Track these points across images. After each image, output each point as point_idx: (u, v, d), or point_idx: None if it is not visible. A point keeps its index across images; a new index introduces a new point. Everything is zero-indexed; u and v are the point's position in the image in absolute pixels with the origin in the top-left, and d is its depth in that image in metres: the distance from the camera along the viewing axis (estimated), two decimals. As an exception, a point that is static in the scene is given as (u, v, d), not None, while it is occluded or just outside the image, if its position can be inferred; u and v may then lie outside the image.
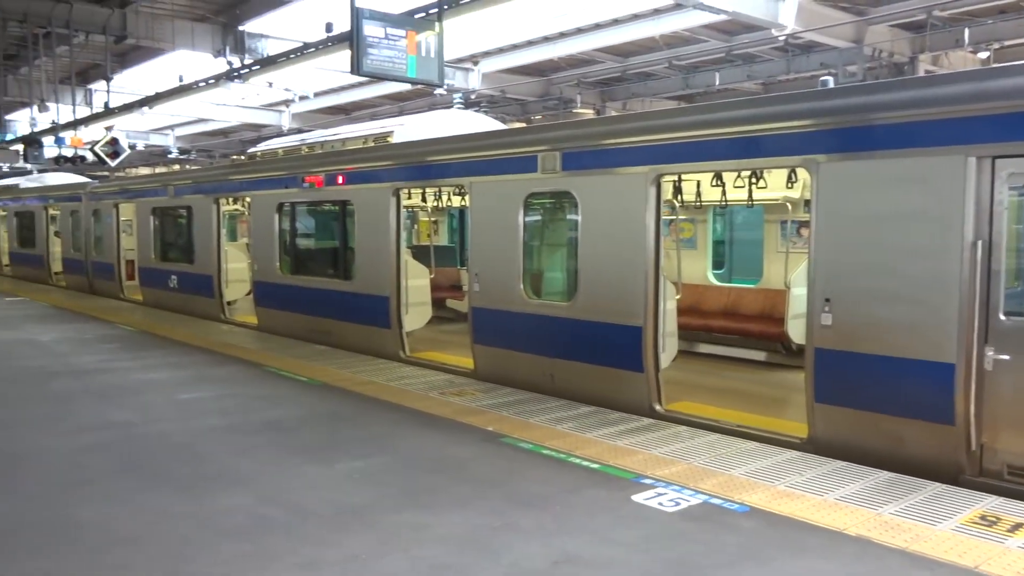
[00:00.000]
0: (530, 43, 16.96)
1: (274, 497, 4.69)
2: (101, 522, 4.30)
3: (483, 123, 11.18)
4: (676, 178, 8.02)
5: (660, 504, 4.57)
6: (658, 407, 6.84)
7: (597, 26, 15.41)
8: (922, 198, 5.17)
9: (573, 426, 6.30)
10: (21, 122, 22.29)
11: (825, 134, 5.67)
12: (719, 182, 8.27)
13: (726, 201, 8.80)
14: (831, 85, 6.40)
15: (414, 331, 9.97)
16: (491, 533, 4.17)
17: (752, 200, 8.37)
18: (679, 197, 8.46)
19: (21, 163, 21.44)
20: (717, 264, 10.92)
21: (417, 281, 10.02)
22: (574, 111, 19.87)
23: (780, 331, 8.72)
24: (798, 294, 8.42)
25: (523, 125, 19.24)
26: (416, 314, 9.95)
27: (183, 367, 8.92)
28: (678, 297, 7.63)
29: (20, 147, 19.30)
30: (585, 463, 5.35)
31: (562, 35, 16.18)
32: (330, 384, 7.94)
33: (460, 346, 9.72)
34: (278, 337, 11.12)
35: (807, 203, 9.07)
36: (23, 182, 24.79)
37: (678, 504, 4.57)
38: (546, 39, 16.56)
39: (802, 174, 8.18)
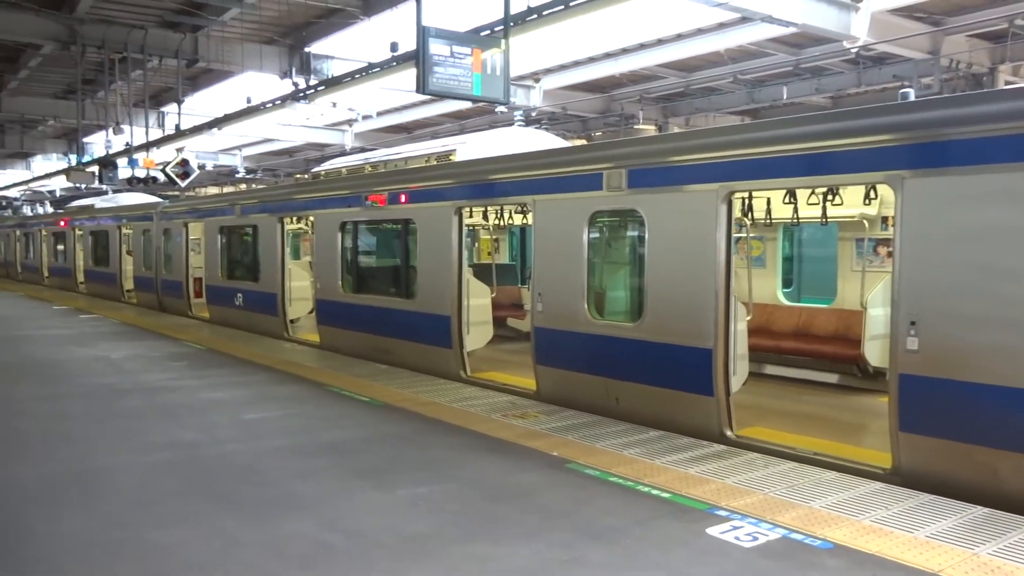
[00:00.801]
0: (592, 59, 16.85)
1: (336, 523, 4.61)
2: (169, 545, 4.27)
3: (545, 140, 11.08)
4: (747, 195, 7.78)
5: (737, 538, 4.35)
6: (729, 433, 6.59)
7: (660, 41, 15.20)
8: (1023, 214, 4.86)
9: (640, 452, 6.10)
10: (97, 144, 23.08)
11: (912, 148, 5.39)
12: (791, 199, 7.99)
13: (798, 218, 8.50)
14: (912, 98, 6.11)
15: (475, 351, 9.87)
16: (560, 567, 4.00)
17: (826, 217, 8.06)
18: (750, 215, 8.21)
19: (97, 184, 22.14)
20: (785, 283, 10.57)
21: (478, 300, 9.94)
22: (635, 127, 19.65)
23: (856, 353, 8.36)
24: (876, 315, 8.08)
25: (584, 142, 19.11)
26: (477, 333, 9.86)
27: (247, 386, 8.98)
28: (749, 318, 7.37)
29: (96, 168, 19.92)
30: (655, 492, 5.15)
31: (624, 51, 16.01)
32: (392, 404, 7.88)
33: (521, 366, 9.58)
34: (340, 356, 11.15)
35: (885, 220, 8.75)
36: (98, 202, 25.66)
37: (756, 539, 4.34)
38: (608, 55, 16.41)
39: (883, 191, 7.85)
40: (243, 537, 4.41)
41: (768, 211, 8.81)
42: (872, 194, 8.05)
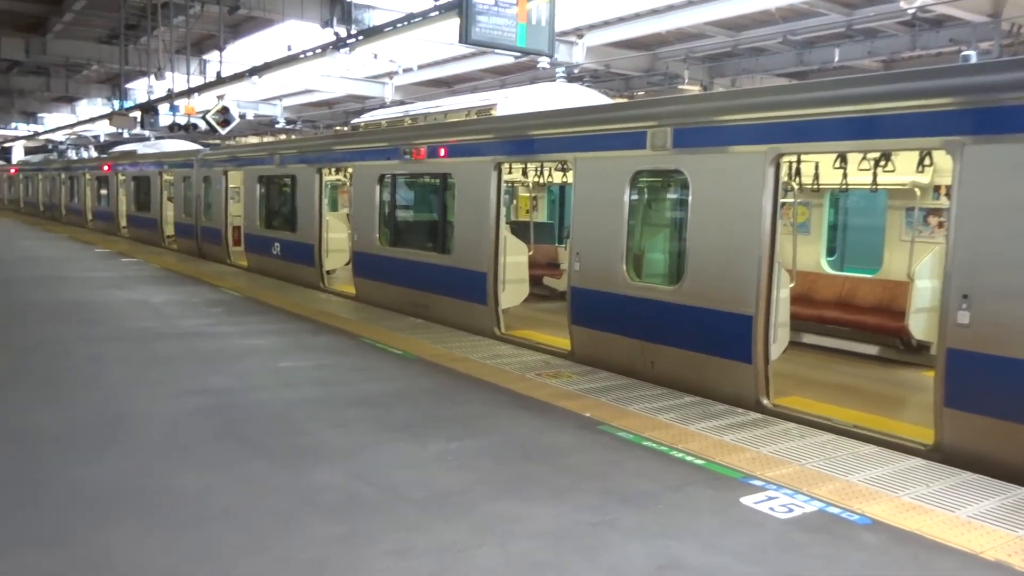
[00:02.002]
0: (637, 16, 16.42)
1: (367, 475, 4.60)
2: (198, 492, 4.29)
3: (588, 97, 10.84)
4: (795, 159, 7.54)
5: (771, 509, 4.25)
6: (766, 401, 6.46)
7: (708, -2, 14.77)
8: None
9: (675, 417, 6.00)
10: (140, 90, 23.20)
11: (973, 113, 5.13)
12: (842, 164, 7.73)
13: (846, 184, 8.23)
14: (973, 60, 5.81)
15: (510, 308, 9.80)
16: (590, 530, 3.95)
17: (876, 184, 7.79)
18: (797, 179, 7.96)
19: (139, 130, 22.30)
20: (830, 251, 10.31)
21: (515, 258, 9.84)
22: (680, 87, 19.21)
23: (900, 325, 8.14)
24: (923, 287, 7.84)
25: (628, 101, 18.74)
26: (513, 291, 9.79)
27: (282, 334, 9.02)
28: (792, 285, 7.18)
29: (138, 114, 20.05)
30: (688, 458, 5.07)
31: (671, 7, 15.57)
32: (425, 359, 7.86)
33: (556, 326, 9.51)
34: (375, 308, 11.16)
35: (937, 189, 8.45)
36: (140, 148, 25.88)
37: (791, 510, 4.24)
38: (654, 12, 15.98)
39: (938, 157, 7.55)
40: (274, 485, 4.42)
41: (816, 176, 8.55)
42: (927, 161, 7.75)
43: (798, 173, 8.02)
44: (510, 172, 11.61)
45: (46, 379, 6.68)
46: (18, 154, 47.32)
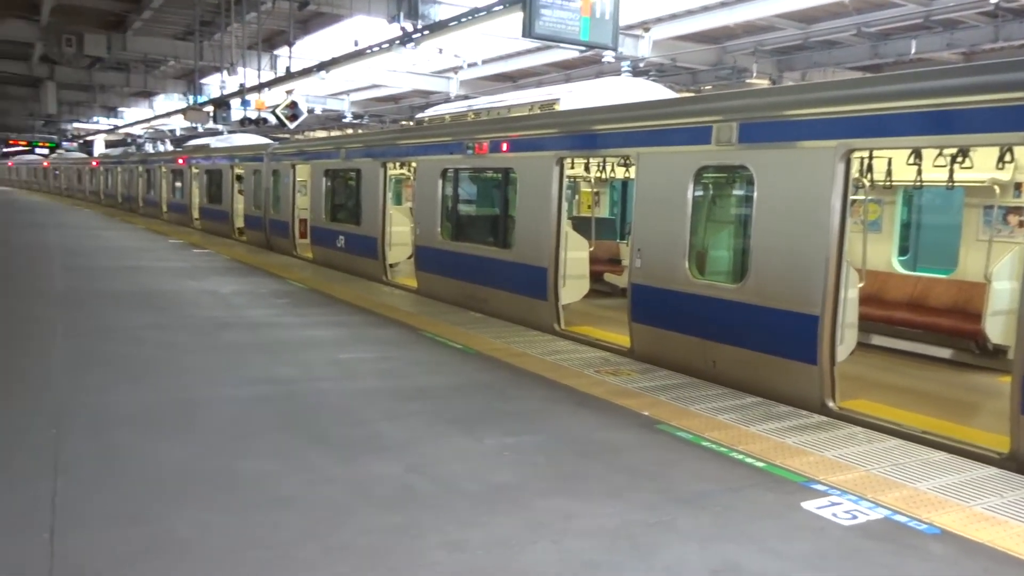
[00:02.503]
0: (706, 8, 16.15)
1: (423, 468, 4.64)
2: (260, 478, 4.39)
3: (653, 91, 10.71)
4: (867, 154, 7.31)
5: (834, 515, 4.14)
6: (831, 404, 6.29)
7: (780, -11, 14.44)
8: None
9: (735, 417, 5.89)
10: (213, 85, 23.85)
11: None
12: (916, 160, 7.46)
13: (921, 181, 7.94)
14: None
15: (570, 304, 9.76)
16: (645, 530, 3.90)
17: (953, 181, 7.50)
18: (868, 175, 7.72)
19: (212, 124, 22.94)
20: (902, 250, 9.98)
21: (576, 253, 9.79)
22: (748, 81, 18.83)
23: (976, 328, 7.82)
24: (1001, 288, 7.53)
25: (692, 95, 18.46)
26: (573, 287, 9.74)
27: (345, 326, 9.16)
28: (861, 285, 6.97)
29: (211, 109, 20.61)
30: (749, 460, 4.97)
31: (741, 0, 15.28)
32: (484, 353, 7.89)
33: (616, 322, 9.44)
34: (436, 302, 11.25)
35: (1019, 186, 8.09)
36: (213, 142, 26.61)
37: (855, 517, 4.12)
38: (723, 4, 15.70)
39: (1020, 153, 7.23)
40: (331, 474, 4.49)
41: (888, 172, 8.28)
42: (1007, 157, 7.42)
43: (869, 169, 7.78)
44: (572, 167, 11.56)
45: (122, 364, 6.92)
46: (99, 147, 49.16)
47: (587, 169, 12.41)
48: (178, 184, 28.20)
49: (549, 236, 9.30)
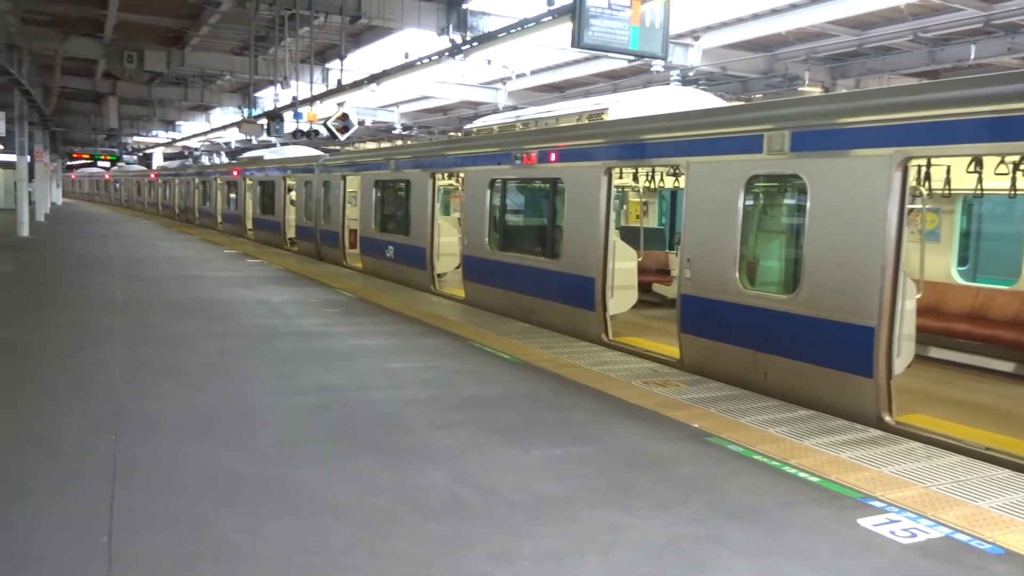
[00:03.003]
0: (756, 16, 15.96)
1: (470, 477, 4.64)
2: (310, 485, 4.43)
3: (703, 100, 10.62)
4: (924, 162, 7.13)
5: (892, 533, 4.02)
6: (888, 418, 6.13)
7: (833, -5, 14.19)
8: None
9: (788, 431, 5.78)
10: (267, 98, 24.31)
11: None
12: (977, 168, 7.26)
13: (981, 189, 7.72)
14: None
15: (618, 315, 9.70)
16: (694, 544, 3.84)
17: (1015, 189, 7.27)
18: (926, 184, 7.53)
19: (265, 136, 23.38)
20: (961, 260, 9.70)
21: (624, 263, 9.73)
22: (800, 89, 18.54)
23: (1040, 341, 7.56)
24: (1067, 301, 7.27)
25: (743, 103, 18.24)
26: (621, 297, 9.68)
27: (393, 336, 9.24)
28: (919, 296, 6.79)
29: (265, 121, 21.00)
30: (802, 474, 4.86)
31: (793, 6, 15.06)
32: (531, 363, 7.88)
33: (665, 333, 9.35)
34: (483, 312, 11.28)
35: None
36: (266, 154, 27.14)
37: (914, 535, 4.00)
38: (774, 11, 15.49)
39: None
40: (380, 483, 4.52)
41: (947, 180, 8.06)
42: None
43: (927, 177, 7.59)
44: (620, 177, 11.51)
45: (178, 371, 7.08)
46: (158, 160, 50.50)
47: (635, 179, 12.34)
48: (232, 195, 28.82)
49: (597, 246, 9.26)
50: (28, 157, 25.87)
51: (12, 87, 18.90)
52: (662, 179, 12.32)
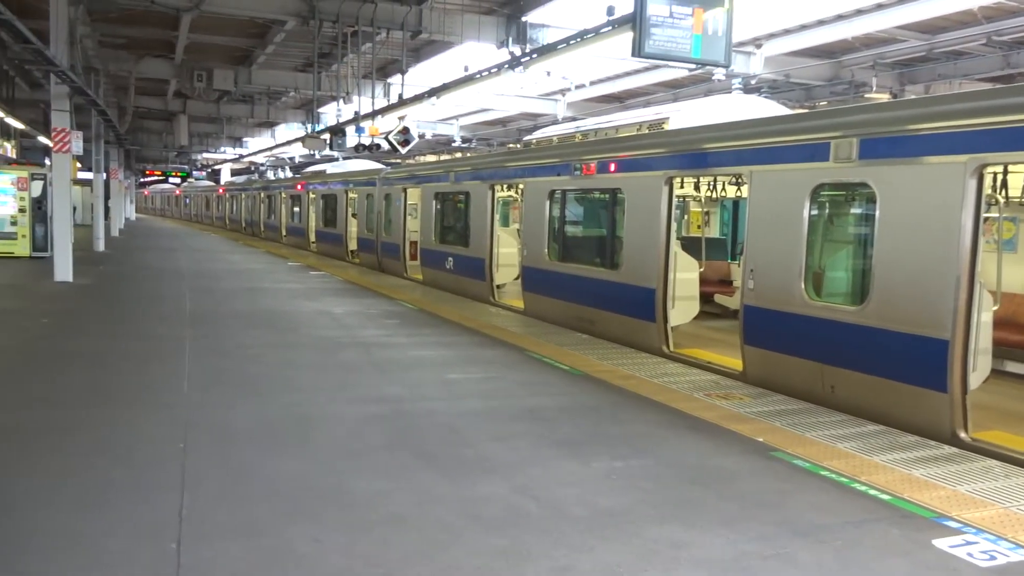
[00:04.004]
0: (821, 22, 15.67)
1: (530, 489, 4.61)
2: (371, 496, 4.47)
3: (765, 108, 10.45)
4: (1000, 170, 6.87)
5: (970, 555, 3.85)
6: (963, 435, 5.90)
7: (901, 0, 13.83)
8: None
9: (857, 446, 5.61)
10: (329, 114, 24.81)
11: None
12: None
13: (1063, 197, 7.41)
14: None
15: (679, 326, 9.58)
16: (761, 563, 3.74)
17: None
18: (1003, 192, 7.26)
19: (328, 151, 23.87)
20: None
21: (685, 274, 9.61)
22: (866, 96, 18.10)
23: None
24: None
25: (808, 111, 17.90)
26: (682, 308, 9.55)
27: (453, 347, 9.28)
28: (995, 308, 6.54)
29: (327, 136, 21.45)
30: (873, 492, 4.70)
31: (859, 12, 14.74)
32: (591, 375, 7.82)
33: (727, 345, 9.20)
34: (543, 323, 11.26)
35: None
36: (329, 168, 27.67)
37: (993, 558, 3.83)
38: (840, 17, 15.19)
39: None
40: (440, 494, 4.52)
41: (1025, 188, 7.76)
42: None
43: (1004, 185, 7.31)
44: (681, 187, 11.38)
45: (244, 381, 7.23)
46: (225, 175, 51.98)
47: (697, 188, 12.19)
48: (296, 209, 29.44)
49: (658, 257, 9.16)
50: (104, 175, 26.89)
51: (90, 107, 19.66)
52: (724, 189, 12.14)
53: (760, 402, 6.88)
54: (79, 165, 24.69)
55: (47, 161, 25.79)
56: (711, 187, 12.14)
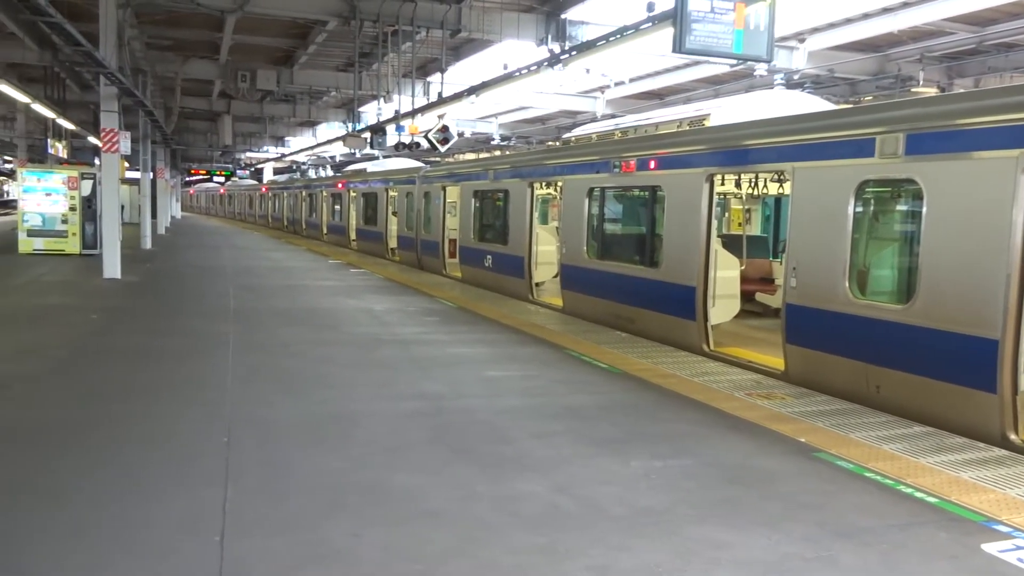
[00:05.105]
0: (866, 16, 15.37)
1: (569, 488, 4.60)
2: (410, 491, 4.49)
3: (808, 104, 10.29)
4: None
5: (1020, 560, 3.76)
6: (1014, 437, 5.75)
7: (950, -9, 13.53)
8: None
9: (903, 448, 5.50)
10: (370, 113, 25.03)
11: None
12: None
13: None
14: None
15: (720, 324, 9.48)
16: (803, 565, 3.69)
17: None
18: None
19: (368, 149, 24.07)
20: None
21: (726, 272, 9.51)
22: (913, 90, 17.72)
23: None
24: None
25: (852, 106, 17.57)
26: (723, 307, 9.46)
27: (491, 344, 9.30)
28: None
29: (368, 135, 21.62)
30: (919, 494, 4.61)
31: (906, 4, 14.43)
32: (630, 373, 7.78)
33: (768, 344, 9.08)
34: (581, 321, 11.22)
35: None
36: (369, 167, 27.90)
37: (1045, 564, 3.73)
38: (886, 10, 14.88)
39: None
40: (479, 491, 4.54)
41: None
42: None
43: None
44: (722, 184, 11.26)
45: (285, 377, 7.33)
46: (268, 174, 52.72)
47: (738, 185, 12.05)
48: (337, 207, 29.74)
49: (698, 254, 9.08)
50: (151, 174, 27.44)
51: (137, 108, 20.09)
52: (766, 186, 11.98)
53: (803, 402, 6.78)
54: (127, 165, 25.23)
55: (96, 161, 26.44)
56: (752, 184, 11.98)
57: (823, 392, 7.14)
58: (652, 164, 10.09)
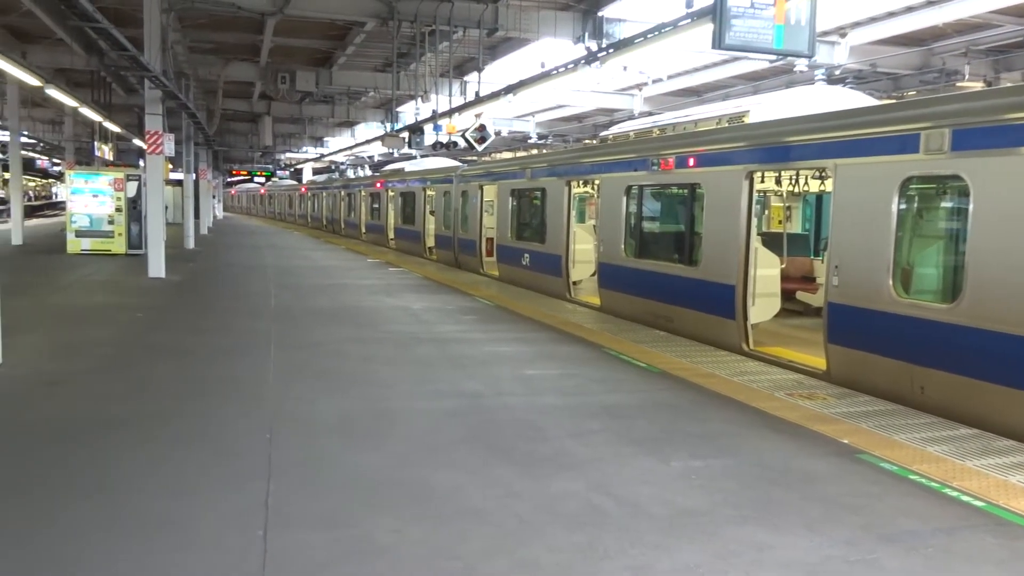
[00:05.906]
0: (910, 9, 15.06)
1: (607, 487, 4.60)
2: (450, 489, 4.53)
3: (850, 99, 10.12)
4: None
5: (1071, 566, 3.67)
6: (1065, 439, 5.61)
7: (997, -17, 13.21)
8: None
9: (948, 450, 5.40)
10: (408, 112, 25.20)
11: None
12: None
13: None
14: None
15: (759, 323, 9.38)
16: (846, 567, 3.64)
17: None
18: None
19: (406, 149, 24.23)
20: None
21: (766, 271, 9.40)
22: (959, 84, 17.33)
23: None
24: None
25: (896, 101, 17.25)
26: (763, 306, 9.35)
27: (529, 343, 9.31)
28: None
29: (406, 134, 21.77)
30: (965, 498, 4.52)
31: (952, -4, 14.12)
32: (669, 372, 7.74)
33: (809, 343, 8.96)
34: (619, 320, 11.18)
35: None
36: (407, 166, 28.09)
37: (1098, 570, 3.63)
38: (930, 3, 14.57)
39: None
40: (518, 489, 4.55)
41: None
42: None
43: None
44: (762, 181, 11.14)
45: (326, 375, 7.42)
46: (307, 174, 53.32)
47: (778, 183, 11.91)
48: (375, 206, 29.98)
49: (737, 253, 8.99)
50: (194, 175, 27.92)
51: (180, 111, 20.46)
52: (806, 183, 11.82)
53: (845, 402, 6.69)
54: (171, 166, 25.71)
55: (141, 162, 26.97)
56: (793, 181, 11.83)
57: (866, 392, 7.03)
58: (691, 162, 10.02)
